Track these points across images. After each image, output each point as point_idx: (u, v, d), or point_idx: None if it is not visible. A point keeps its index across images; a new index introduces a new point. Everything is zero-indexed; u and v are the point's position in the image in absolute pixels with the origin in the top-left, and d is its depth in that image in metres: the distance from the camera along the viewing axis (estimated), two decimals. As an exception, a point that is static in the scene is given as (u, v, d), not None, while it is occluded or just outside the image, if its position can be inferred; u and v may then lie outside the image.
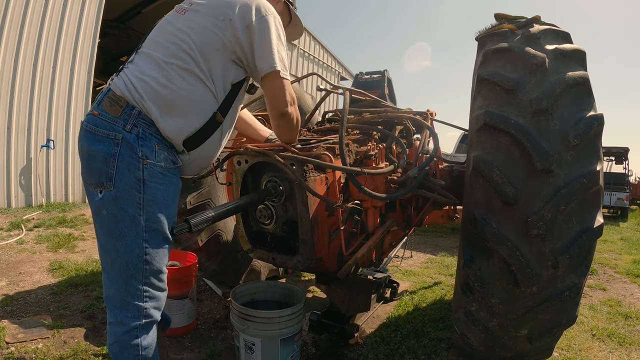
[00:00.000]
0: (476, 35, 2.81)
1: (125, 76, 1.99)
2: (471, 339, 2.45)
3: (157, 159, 1.94)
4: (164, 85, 1.95)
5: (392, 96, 4.48)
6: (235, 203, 2.28)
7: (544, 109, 2.19)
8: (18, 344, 3.19)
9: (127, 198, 1.89)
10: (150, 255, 1.97)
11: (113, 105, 1.93)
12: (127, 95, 1.93)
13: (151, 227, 1.95)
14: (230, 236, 3.87)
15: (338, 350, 3.35)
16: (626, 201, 15.14)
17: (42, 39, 9.45)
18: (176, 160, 2.05)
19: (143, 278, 1.98)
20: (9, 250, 5.84)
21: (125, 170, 1.88)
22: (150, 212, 1.93)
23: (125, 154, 1.88)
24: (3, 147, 9.06)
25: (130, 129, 1.89)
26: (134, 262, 1.94)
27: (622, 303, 4.84)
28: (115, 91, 1.96)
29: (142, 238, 1.93)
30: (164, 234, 2.01)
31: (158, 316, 2.09)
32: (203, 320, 3.84)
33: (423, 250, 7.18)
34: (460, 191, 2.90)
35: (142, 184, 1.90)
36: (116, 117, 1.91)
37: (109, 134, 1.89)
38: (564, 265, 2.16)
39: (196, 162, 2.17)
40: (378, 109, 3.33)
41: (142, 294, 2.00)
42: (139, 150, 1.89)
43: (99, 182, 1.91)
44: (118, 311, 2.00)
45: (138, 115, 1.92)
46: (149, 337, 2.05)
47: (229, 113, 2.16)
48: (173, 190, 2.05)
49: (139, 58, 2.05)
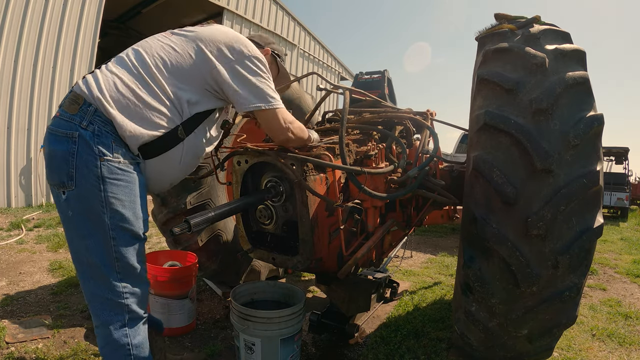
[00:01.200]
0: (476, 35, 2.81)
1: (90, 77, 2.00)
2: (471, 339, 2.45)
3: (115, 155, 1.93)
4: (128, 87, 1.98)
5: (392, 96, 4.48)
6: (235, 203, 2.28)
7: (544, 109, 2.19)
8: (18, 344, 3.19)
9: (89, 196, 1.90)
10: (121, 253, 1.96)
11: (72, 104, 1.95)
12: (86, 92, 1.94)
13: (117, 225, 1.94)
14: (230, 236, 3.87)
15: (338, 350, 3.35)
16: (626, 201, 15.13)
17: (42, 39, 9.45)
18: (134, 156, 2.03)
19: (117, 274, 1.97)
20: (9, 250, 5.84)
21: (84, 168, 1.88)
22: (114, 209, 1.93)
23: (82, 152, 1.88)
24: (3, 147, 9.06)
25: (86, 126, 1.89)
26: (106, 260, 1.94)
27: (622, 303, 4.84)
28: (76, 90, 1.98)
29: (109, 236, 1.93)
30: (131, 231, 1.99)
31: (142, 312, 2.08)
32: (203, 320, 3.84)
33: (423, 250, 7.17)
34: (460, 191, 2.90)
35: (101, 181, 1.89)
36: (73, 115, 1.91)
37: (67, 133, 1.89)
38: (564, 265, 2.16)
39: (153, 175, 2.14)
40: (378, 109, 3.33)
41: (122, 290, 1.99)
42: (95, 148, 1.88)
43: (61, 182, 1.91)
44: (101, 312, 2.00)
45: (94, 112, 1.91)
46: (139, 336, 2.05)
47: (193, 133, 2.16)
48: (135, 186, 2.02)
49: (113, 62, 2.09)
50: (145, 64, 2.04)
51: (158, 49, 2.09)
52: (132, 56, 2.07)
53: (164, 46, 2.10)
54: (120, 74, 2.00)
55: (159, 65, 2.04)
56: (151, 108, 2.00)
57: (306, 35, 18.67)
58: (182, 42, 2.13)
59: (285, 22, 17.08)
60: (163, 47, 2.10)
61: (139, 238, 2.04)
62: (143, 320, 2.10)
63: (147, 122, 1.99)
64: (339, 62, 21.39)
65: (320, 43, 19.66)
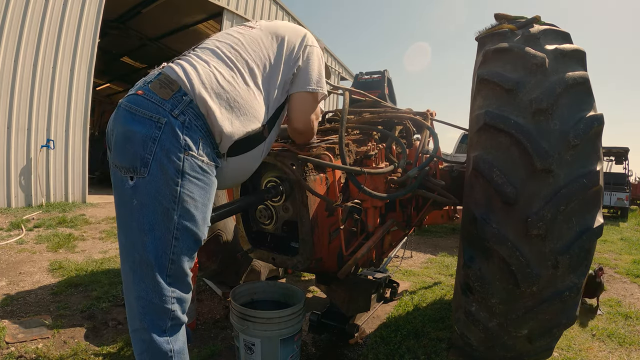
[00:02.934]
0: (476, 35, 2.81)
1: (185, 64, 1.90)
2: (471, 339, 2.45)
3: (200, 152, 1.80)
4: (229, 82, 1.91)
5: (392, 96, 4.48)
6: (235, 203, 2.28)
7: (544, 108, 2.19)
8: (18, 344, 3.19)
9: (163, 189, 1.73)
10: (178, 255, 1.82)
11: (163, 87, 1.81)
12: (184, 80, 1.82)
13: (184, 225, 1.79)
14: (231, 236, 3.87)
15: (338, 350, 3.34)
16: (626, 201, 15.13)
17: (42, 39, 9.44)
18: (217, 160, 1.92)
19: (167, 277, 1.81)
20: (9, 250, 5.84)
21: (164, 157, 1.72)
22: (186, 208, 1.78)
23: (166, 140, 1.73)
24: (3, 147, 9.05)
25: (177, 114, 1.75)
26: (161, 260, 1.78)
27: (622, 303, 4.83)
28: (170, 74, 1.85)
29: (172, 235, 1.78)
30: (195, 235, 1.86)
31: (184, 318, 1.92)
32: (203, 320, 3.84)
33: (423, 250, 7.17)
34: (460, 191, 2.90)
35: (180, 175, 1.75)
36: (164, 100, 1.77)
37: (152, 115, 1.74)
38: (564, 265, 2.16)
39: (231, 173, 2.06)
40: (378, 109, 3.33)
41: (170, 294, 1.82)
42: (182, 139, 1.74)
43: (132, 166, 1.74)
44: (143, 316, 1.81)
45: (189, 103, 1.79)
46: (179, 341, 1.89)
47: (273, 130, 2.17)
48: (212, 189, 1.91)
49: (203, 52, 2.01)
50: (243, 59, 2.01)
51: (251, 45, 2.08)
52: (226, 50, 2.01)
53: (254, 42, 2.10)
54: (220, 68, 1.93)
55: (256, 62, 2.04)
56: (248, 104, 1.96)
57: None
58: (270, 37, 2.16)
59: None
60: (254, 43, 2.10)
61: (199, 243, 1.91)
62: (183, 326, 1.94)
63: (243, 120, 1.94)
64: (339, 62, 21.39)
65: (320, 43, 19.66)
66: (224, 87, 1.89)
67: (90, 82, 10.59)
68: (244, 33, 2.14)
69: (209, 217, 1.94)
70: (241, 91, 1.94)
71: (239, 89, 1.94)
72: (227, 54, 1.99)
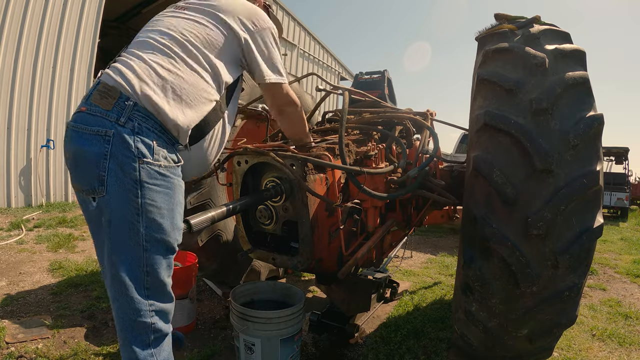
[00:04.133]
0: (476, 35, 2.81)
1: (120, 65, 1.83)
2: (471, 339, 2.45)
3: (155, 157, 1.74)
4: (169, 70, 1.84)
5: (392, 96, 4.48)
6: (235, 203, 2.28)
7: (544, 108, 2.19)
8: (18, 343, 3.20)
9: (124, 203, 1.70)
10: (152, 267, 1.78)
11: (104, 97, 1.74)
12: (123, 84, 1.75)
13: (152, 236, 1.76)
14: (231, 236, 3.87)
15: (338, 350, 3.35)
16: (626, 201, 15.13)
17: (42, 39, 9.45)
18: (177, 159, 1.86)
19: (145, 290, 1.79)
20: (9, 250, 5.84)
21: (119, 171, 1.68)
22: (151, 218, 1.74)
23: (118, 153, 1.68)
24: (3, 147, 9.06)
25: (124, 122, 1.69)
26: (135, 276, 1.76)
27: (622, 303, 4.84)
28: (108, 82, 1.78)
29: (142, 248, 1.75)
30: (167, 243, 1.82)
31: (168, 328, 1.91)
32: (203, 321, 3.84)
33: (423, 251, 7.17)
34: (460, 191, 2.90)
35: (139, 186, 1.70)
36: (107, 111, 1.71)
37: (99, 130, 1.68)
38: (564, 265, 2.16)
39: (196, 160, 2.01)
40: (378, 109, 3.33)
41: (148, 309, 1.81)
42: (134, 148, 1.68)
43: (91, 187, 1.72)
44: (125, 333, 1.82)
45: (134, 107, 1.72)
46: (164, 352, 1.89)
47: (229, 106, 2.10)
48: (176, 192, 1.85)
49: (136, 47, 1.94)
50: (178, 42, 1.92)
51: (183, 25, 1.98)
52: (158, 37, 1.93)
53: (187, 22, 2.00)
54: (156, 59, 1.85)
55: (192, 41, 1.93)
56: (195, 87, 1.88)
57: (306, 36, 18.68)
58: (204, 16, 2.04)
59: (285, 22, 17.09)
60: (187, 23, 2.00)
61: (172, 251, 1.87)
62: (167, 335, 1.92)
63: (195, 105, 1.88)
64: (339, 62, 21.40)
65: (320, 43, 19.67)
66: (166, 78, 1.82)
67: (90, 83, 10.59)
68: (174, 15, 2.07)
69: (180, 221, 1.90)
70: (185, 76, 1.86)
71: (182, 74, 1.86)
72: (160, 41, 1.91)
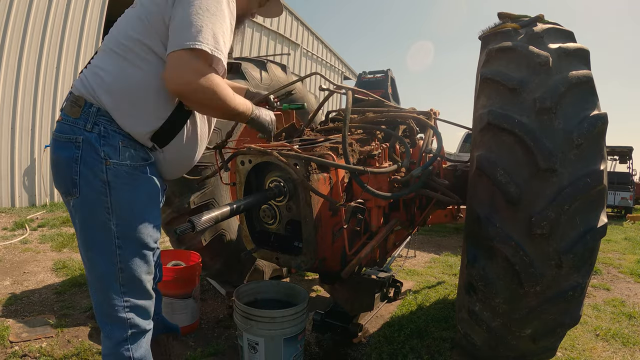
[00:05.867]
0: (480, 34, 2.81)
1: (83, 75, 1.90)
2: (475, 339, 2.45)
3: (122, 157, 1.81)
4: (116, 76, 1.81)
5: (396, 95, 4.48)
6: (238, 203, 2.28)
7: (548, 108, 2.19)
8: (22, 343, 3.21)
9: (95, 203, 1.80)
10: (126, 263, 1.86)
11: (73, 106, 1.83)
12: (84, 92, 1.83)
13: (124, 233, 1.84)
14: (234, 236, 3.88)
15: (341, 349, 3.35)
16: (630, 200, 15.08)
17: (45, 40, 9.49)
18: (147, 157, 1.90)
19: (121, 287, 1.88)
20: (13, 250, 5.87)
21: (88, 173, 1.78)
22: (121, 216, 1.83)
23: (87, 157, 1.78)
24: (7, 148, 9.10)
25: (90, 128, 1.79)
26: (109, 271, 1.85)
27: (626, 303, 4.82)
28: (74, 92, 1.87)
29: (115, 245, 1.83)
30: (139, 239, 1.88)
31: (146, 325, 2.00)
32: (206, 320, 3.85)
33: (427, 250, 7.17)
34: (464, 190, 2.89)
35: (107, 186, 1.79)
36: (76, 119, 1.81)
37: (70, 137, 1.80)
38: (568, 265, 2.15)
39: (175, 161, 2.02)
40: (381, 108, 3.32)
41: (124, 304, 1.89)
42: (100, 151, 1.78)
43: (66, 190, 1.83)
44: (103, 325, 1.93)
45: (97, 112, 1.80)
46: (140, 349, 1.96)
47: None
48: (146, 190, 1.90)
49: (97, 55, 1.94)
50: (119, 43, 1.85)
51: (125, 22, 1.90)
52: (107, 42, 1.91)
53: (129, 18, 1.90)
54: (101, 64, 1.86)
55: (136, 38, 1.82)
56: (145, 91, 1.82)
57: (309, 35, 18.68)
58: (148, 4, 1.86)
59: (289, 22, 17.09)
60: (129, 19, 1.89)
61: (147, 247, 1.93)
62: (146, 333, 2.01)
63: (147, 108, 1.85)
64: (343, 61, 21.39)
65: (323, 42, 19.67)
66: (112, 85, 1.81)
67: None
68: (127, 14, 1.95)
69: (154, 218, 1.94)
70: (132, 79, 1.81)
71: (129, 78, 1.81)
72: (108, 45, 1.89)
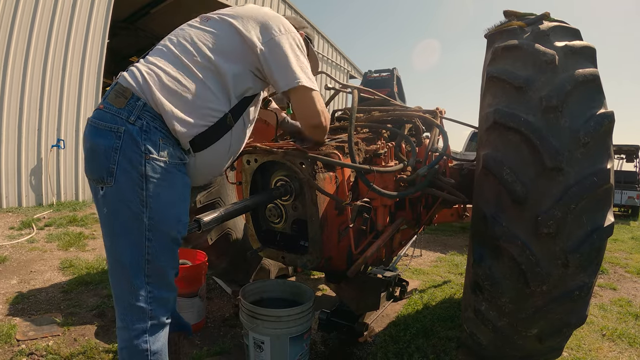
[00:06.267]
0: (485, 32, 2.80)
1: (136, 69, 1.95)
2: (480, 338, 2.44)
3: (161, 153, 1.87)
4: (175, 79, 1.92)
5: (402, 94, 4.46)
6: (244, 202, 2.29)
7: (554, 106, 2.18)
8: (29, 341, 3.23)
9: (129, 194, 1.83)
10: (153, 255, 1.90)
11: (118, 97, 1.88)
12: (134, 86, 1.89)
13: (155, 226, 1.88)
14: (240, 235, 3.89)
15: (347, 348, 3.35)
16: (637, 200, 14.97)
17: (51, 40, 9.52)
18: (183, 157, 1.98)
19: (146, 278, 1.90)
20: (20, 249, 5.90)
21: (127, 164, 1.81)
22: (154, 209, 1.86)
23: (127, 148, 1.81)
24: (14, 148, 9.14)
25: (134, 120, 1.83)
26: (136, 262, 1.88)
27: (633, 303, 4.80)
28: (122, 83, 1.92)
29: (145, 237, 1.86)
30: (169, 234, 1.93)
31: (166, 319, 2.02)
32: (213, 319, 3.85)
33: (432, 249, 7.16)
34: (470, 189, 2.89)
35: (144, 179, 1.82)
36: (120, 109, 1.85)
37: (112, 127, 1.83)
38: (574, 264, 2.14)
39: (202, 168, 2.10)
40: (387, 107, 3.32)
41: (147, 294, 1.91)
42: (141, 144, 1.82)
43: (100, 177, 1.85)
44: (124, 315, 1.93)
45: (143, 107, 1.86)
46: (158, 342, 1.97)
47: (241, 118, 2.12)
48: (180, 188, 1.96)
49: (153, 54, 2.03)
50: (187, 52, 1.98)
51: (197, 35, 2.04)
52: (170, 46, 2.02)
53: (202, 33, 2.05)
54: (163, 65, 1.94)
55: (203, 51, 1.99)
56: (200, 97, 1.95)
57: (315, 34, 18.66)
58: (219, 25, 2.07)
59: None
60: (202, 34, 2.04)
61: (175, 242, 1.97)
62: (164, 327, 2.02)
63: (196, 115, 1.94)
64: (348, 60, 21.36)
65: (329, 42, 19.65)
66: (171, 85, 1.91)
67: (100, 83, 10.66)
68: (196, 26, 2.11)
69: (184, 215, 1.99)
70: (190, 86, 1.94)
71: (188, 84, 1.93)
72: (173, 51, 2.00)
